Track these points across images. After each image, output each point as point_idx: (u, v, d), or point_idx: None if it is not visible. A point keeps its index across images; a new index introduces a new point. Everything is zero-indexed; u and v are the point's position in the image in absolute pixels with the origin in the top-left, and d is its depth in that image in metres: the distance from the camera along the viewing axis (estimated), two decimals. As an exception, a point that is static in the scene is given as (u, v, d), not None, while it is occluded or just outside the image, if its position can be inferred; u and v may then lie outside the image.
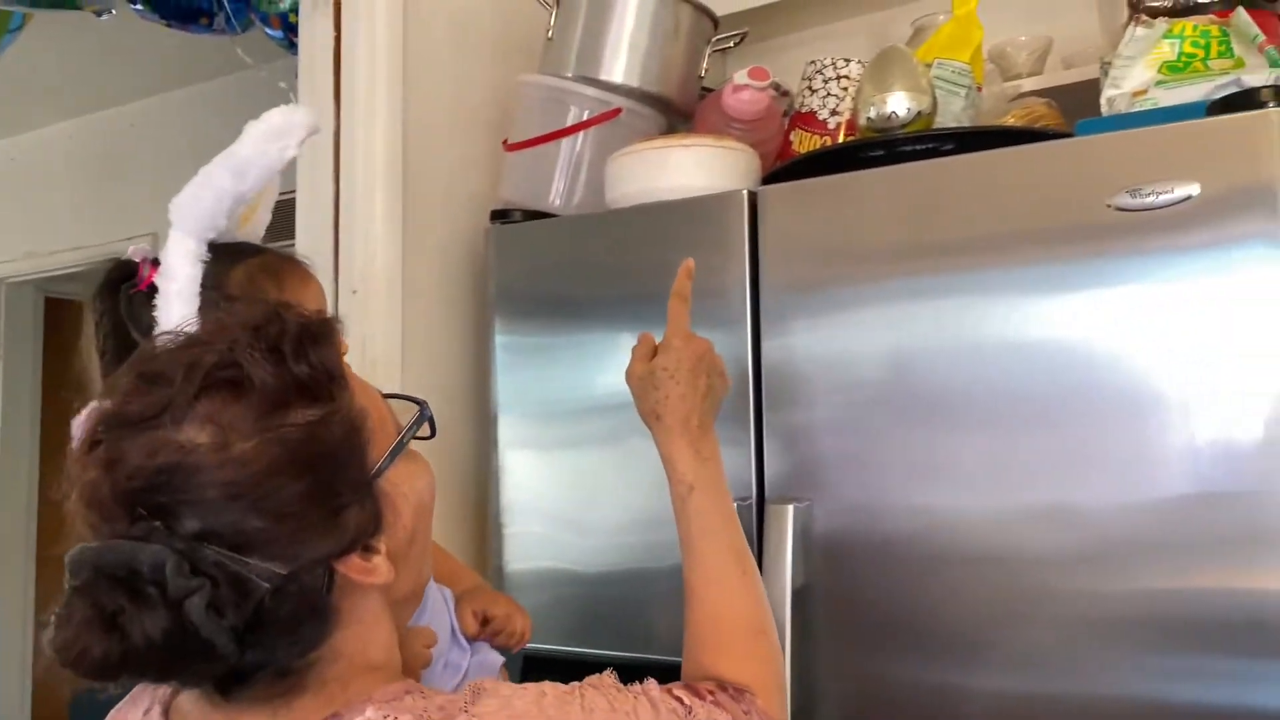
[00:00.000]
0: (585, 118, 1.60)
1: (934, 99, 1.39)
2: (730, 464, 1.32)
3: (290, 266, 1.06)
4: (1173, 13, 1.49)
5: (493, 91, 1.70)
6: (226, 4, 2.17)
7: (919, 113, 1.37)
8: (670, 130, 1.66)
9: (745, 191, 1.38)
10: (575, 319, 1.51)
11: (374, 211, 1.57)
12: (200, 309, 0.93)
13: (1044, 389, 1.17)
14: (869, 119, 1.39)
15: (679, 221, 1.44)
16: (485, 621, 1.19)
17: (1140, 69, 1.41)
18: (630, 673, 0.81)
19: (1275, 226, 1.07)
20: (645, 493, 1.43)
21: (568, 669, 1.46)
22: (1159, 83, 1.38)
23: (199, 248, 0.96)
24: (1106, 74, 1.43)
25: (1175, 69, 1.40)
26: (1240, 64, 1.37)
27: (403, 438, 0.78)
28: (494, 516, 1.56)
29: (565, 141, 1.62)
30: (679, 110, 1.66)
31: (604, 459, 1.48)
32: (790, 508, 1.29)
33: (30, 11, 2.33)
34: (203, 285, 0.95)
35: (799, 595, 1.28)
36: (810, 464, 1.32)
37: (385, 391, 0.82)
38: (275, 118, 0.95)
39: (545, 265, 1.56)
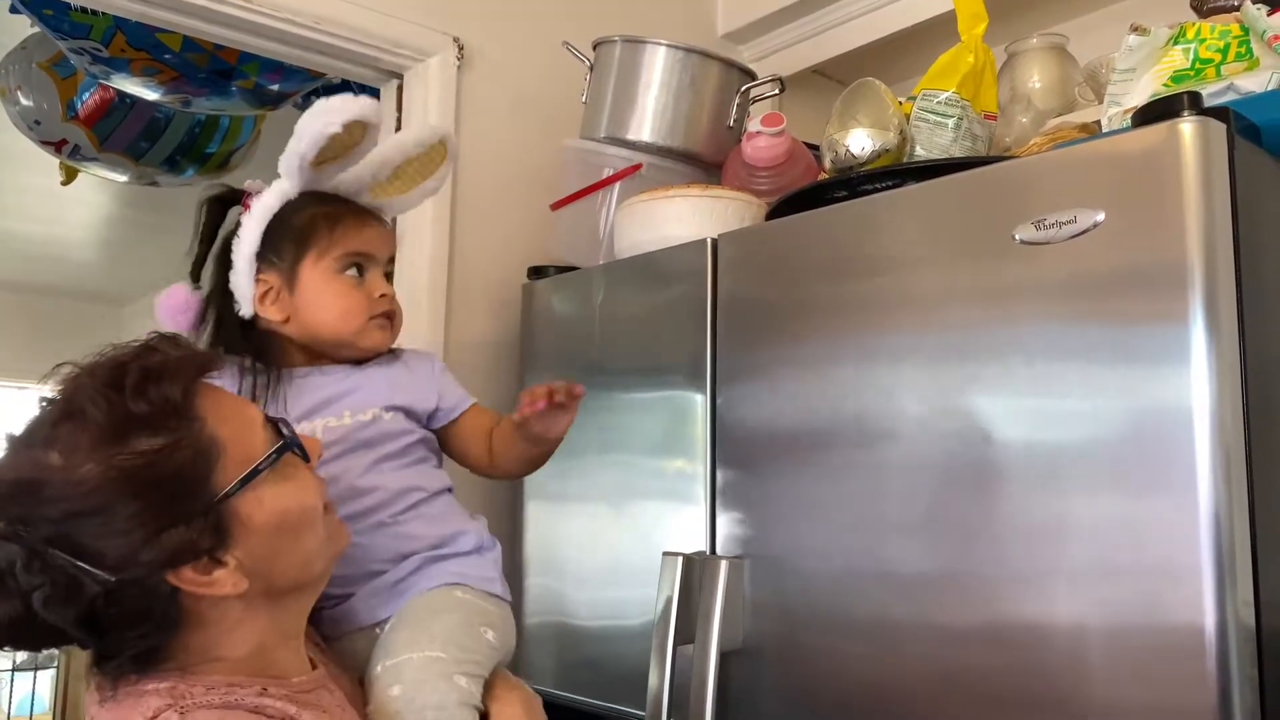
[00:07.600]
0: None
1: (903, 134, 1.30)
2: (687, 519, 1.32)
3: (351, 216, 1.16)
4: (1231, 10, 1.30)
5: (549, 157, 1.78)
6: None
7: (882, 150, 1.29)
8: (701, 181, 1.66)
9: (709, 240, 1.36)
10: (582, 369, 1.55)
11: (419, 278, 1.71)
12: (265, 234, 1.11)
13: (957, 453, 1.07)
14: (831, 160, 1.33)
15: (656, 272, 1.44)
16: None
17: (1146, 82, 1.24)
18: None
19: (1184, 261, 0.92)
20: (630, 548, 1.44)
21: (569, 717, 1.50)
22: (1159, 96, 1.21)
23: (291, 189, 1.13)
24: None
25: (1185, 77, 1.22)
26: (1254, 65, 1.17)
27: (256, 467, 0.86)
28: (518, 569, 1.61)
29: (599, 199, 1.68)
30: (708, 161, 1.66)
31: (598, 512, 1.50)
32: (723, 563, 1.25)
33: (260, 112, 2.73)
34: (276, 215, 1.12)
35: (735, 657, 1.23)
36: (755, 522, 1.27)
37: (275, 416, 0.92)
38: (334, 99, 1.08)
39: (565, 318, 1.61)
